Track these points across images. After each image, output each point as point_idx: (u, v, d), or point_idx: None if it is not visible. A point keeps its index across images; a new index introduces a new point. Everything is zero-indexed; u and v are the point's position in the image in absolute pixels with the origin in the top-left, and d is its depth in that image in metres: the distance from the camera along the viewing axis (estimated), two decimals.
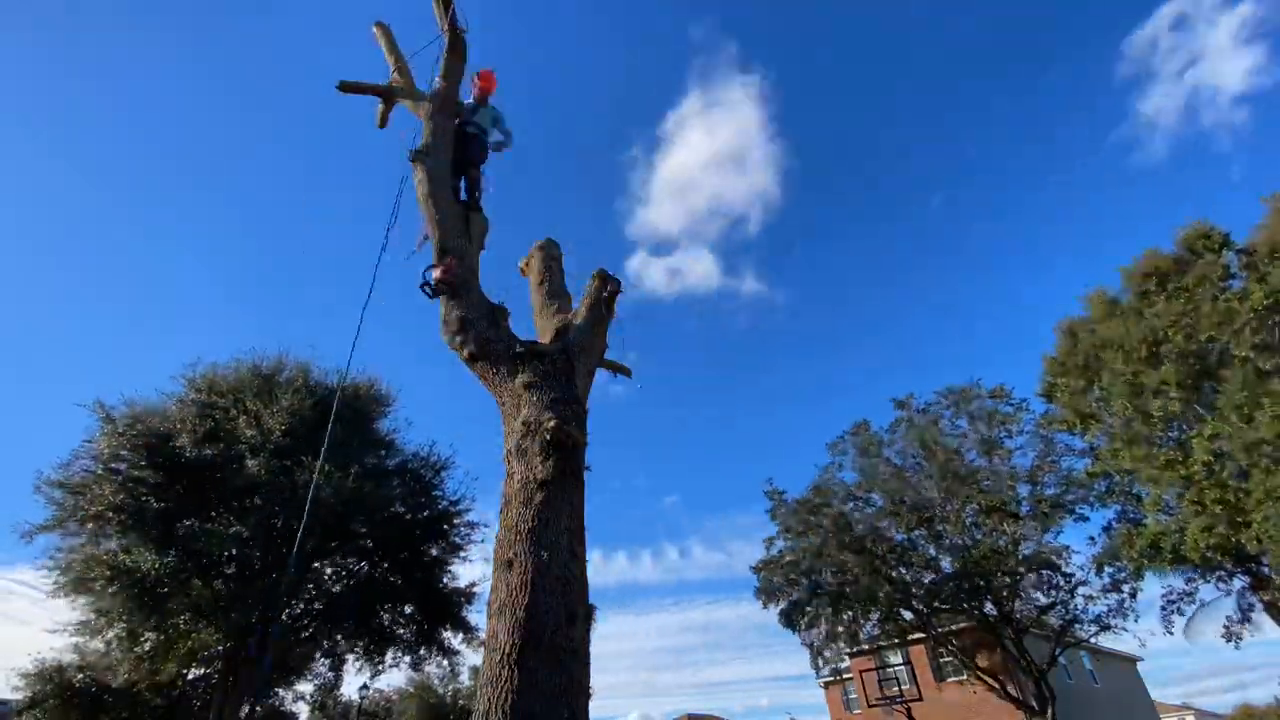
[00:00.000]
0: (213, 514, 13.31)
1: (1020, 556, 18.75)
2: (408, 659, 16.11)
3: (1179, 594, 17.28)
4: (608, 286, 4.38)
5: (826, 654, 22.27)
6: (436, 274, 4.12)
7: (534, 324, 4.56)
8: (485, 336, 3.85)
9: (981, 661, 20.65)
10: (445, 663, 16.51)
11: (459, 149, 5.29)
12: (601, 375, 4.73)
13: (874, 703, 22.67)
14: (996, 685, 19.47)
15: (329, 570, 15.74)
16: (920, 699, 21.49)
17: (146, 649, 13.32)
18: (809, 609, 20.81)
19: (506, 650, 2.54)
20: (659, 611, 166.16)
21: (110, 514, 12.20)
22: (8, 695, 16.04)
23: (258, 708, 16.28)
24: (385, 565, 15.47)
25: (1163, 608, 17.43)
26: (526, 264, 5.15)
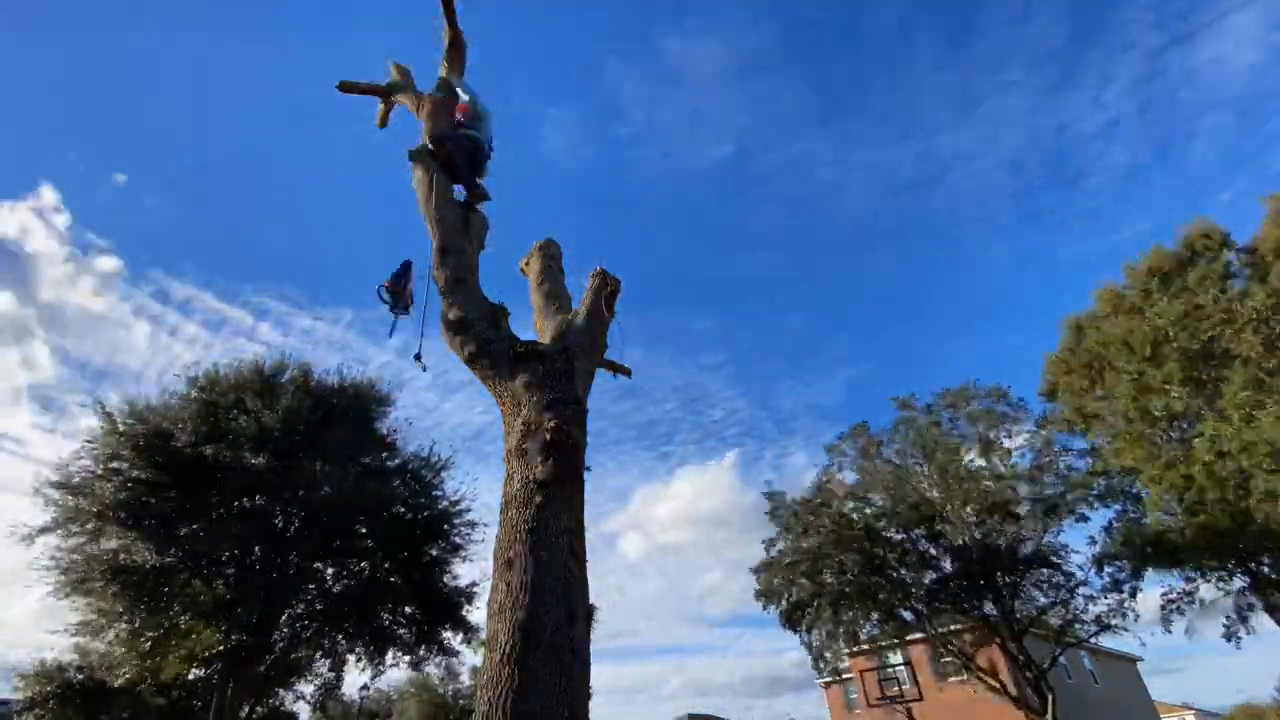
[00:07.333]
0: (213, 514, 13.32)
1: (1020, 556, 18.75)
2: (408, 659, 16.12)
3: (1179, 594, 17.30)
4: (607, 286, 4.37)
5: (827, 654, 22.29)
6: (388, 283, 4.10)
7: (534, 324, 4.55)
8: (485, 336, 3.84)
9: (981, 661, 20.63)
10: (445, 662, 16.53)
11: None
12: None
13: (874, 703, 22.67)
14: (997, 685, 19.46)
15: (330, 570, 15.74)
16: (921, 699, 21.48)
17: (147, 648, 13.33)
18: (809, 610, 20.80)
19: (507, 650, 2.53)
20: None
21: (110, 513, 12.20)
22: (8, 695, 16.06)
23: (258, 708, 16.25)
24: (386, 565, 15.47)
25: (1163, 607, 17.45)
26: (526, 264, 5.15)
